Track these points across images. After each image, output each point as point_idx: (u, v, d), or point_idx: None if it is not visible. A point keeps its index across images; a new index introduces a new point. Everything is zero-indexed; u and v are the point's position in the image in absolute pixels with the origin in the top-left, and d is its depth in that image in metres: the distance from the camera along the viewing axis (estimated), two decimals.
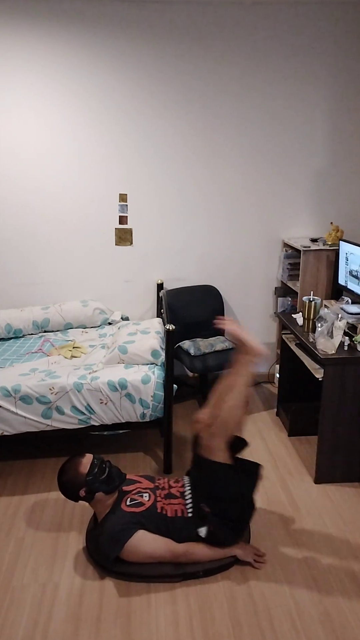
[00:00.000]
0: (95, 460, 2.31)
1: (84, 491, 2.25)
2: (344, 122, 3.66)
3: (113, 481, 2.28)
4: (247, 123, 3.62)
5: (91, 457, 2.32)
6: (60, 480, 2.30)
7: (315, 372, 2.75)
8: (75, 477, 2.26)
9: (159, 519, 2.20)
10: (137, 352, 2.96)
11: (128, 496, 2.28)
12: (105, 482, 2.25)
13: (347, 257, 3.31)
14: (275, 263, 3.94)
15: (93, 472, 2.25)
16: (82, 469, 2.27)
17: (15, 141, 3.49)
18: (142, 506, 2.22)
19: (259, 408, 3.72)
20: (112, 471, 2.30)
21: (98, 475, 2.25)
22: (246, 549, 2.26)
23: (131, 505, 2.23)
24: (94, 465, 2.27)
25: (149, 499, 2.27)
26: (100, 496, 2.26)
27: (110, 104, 3.49)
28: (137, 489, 2.33)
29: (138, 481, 2.39)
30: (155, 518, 2.20)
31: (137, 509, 2.21)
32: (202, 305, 3.79)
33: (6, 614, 2.02)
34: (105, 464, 2.31)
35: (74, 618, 2.00)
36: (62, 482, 2.29)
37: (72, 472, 2.27)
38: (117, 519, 2.18)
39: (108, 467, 2.31)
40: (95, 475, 2.25)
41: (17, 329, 3.53)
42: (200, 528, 2.19)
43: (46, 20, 3.28)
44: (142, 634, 1.93)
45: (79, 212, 3.68)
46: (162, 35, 3.38)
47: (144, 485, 2.36)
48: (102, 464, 2.31)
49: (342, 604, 2.06)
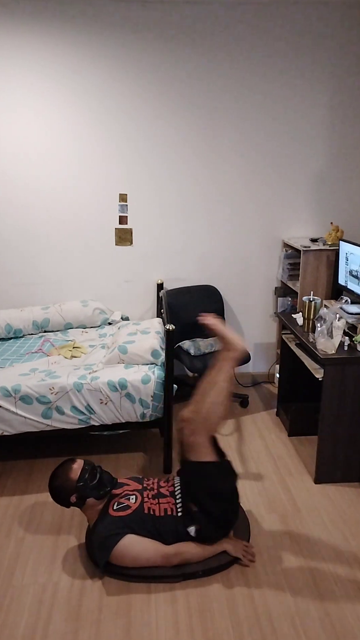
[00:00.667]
0: (86, 466, 2.29)
1: (74, 497, 2.24)
2: (344, 122, 3.66)
3: (104, 487, 2.26)
4: (248, 123, 3.62)
5: (82, 462, 2.31)
6: (51, 485, 2.29)
7: (315, 372, 2.75)
8: (66, 483, 2.24)
9: (147, 521, 2.20)
10: (137, 352, 2.96)
11: (115, 500, 2.28)
12: (96, 487, 2.24)
13: (347, 257, 3.31)
14: (275, 263, 3.94)
15: (84, 478, 2.23)
16: (72, 474, 2.25)
17: (16, 141, 3.49)
18: (129, 509, 2.22)
19: (259, 408, 3.72)
20: (103, 477, 2.28)
21: (89, 481, 2.23)
22: (236, 545, 2.27)
23: (118, 510, 2.23)
24: (85, 471, 2.26)
25: (136, 501, 2.27)
26: (91, 502, 2.25)
27: (111, 104, 3.49)
28: (125, 491, 2.33)
29: (126, 484, 2.39)
30: (142, 520, 2.20)
31: (124, 513, 2.21)
32: (202, 305, 3.79)
33: (6, 614, 2.02)
34: (96, 470, 2.30)
35: (74, 618, 2.00)
36: (53, 487, 2.28)
37: (63, 477, 2.26)
38: (105, 525, 2.19)
39: (99, 472, 2.29)
40: (86, 481, 2.23)
41: (17, 329, 3.53)
42: (189, 527, 2.19)
43: (46, 20, 3.28)
44: (142, 634, 1.93)
45: (79, 212, 3.68)
46: (162, 35, 3.38)
47: (131, 487, 2.36)
48: (93, 469, 2.29)
49: (342, 604, 2.06)
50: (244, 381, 4.13)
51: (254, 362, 4.15)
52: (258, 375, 4.16)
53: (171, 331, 2.72)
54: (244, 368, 4.13)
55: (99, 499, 2.25)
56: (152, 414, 2.84)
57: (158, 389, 2.79)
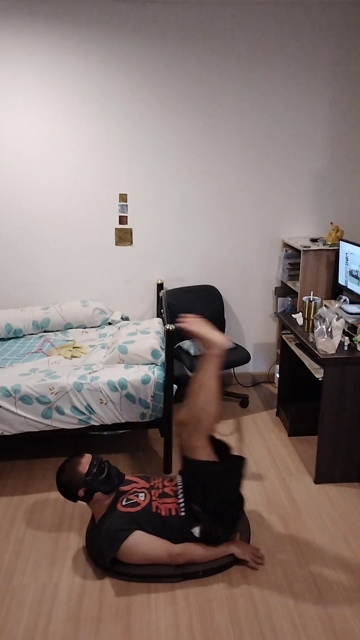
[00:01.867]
0: (94, 460, 2.31)
1: (83, 491, 2.25)
2: (344, 122, 3.66)
3: (112, 481, 2.28)
4: (247, 123, 3.62)
5: (90, 457, 2.32)
6: (59, 479, 2.30)
7: (315, 372, 2.75)
8: (74, 477, 2.25)
9: (155, 519, 2.20)
10: (137, 352, 2.96)
11: (124, 496, 2.28)
12: (104, 482, 2.25)
13: (347, 257, 3.31)
14: (275, 263, 3.94)
15: (92, 472, 2.25)
16: (81, 468, 2.27)
17: (16, 141, 3.49)
18: (138, 506, 2.23)
19: (259, 408, 3.72)
20: (111, 471, 2.30)
21: (97, 475, 2.25)
22: (244, 548, 2.26)
23: (127, 506, 2.23)
24: (93, 465, 2.27)
25: (145, 498, 2.27)
26: (98, 496, 2.26)
27: (111, 104, 3.49)
28: (133, 488, 2.33)
29: (134, 481, 2.40)
30: (150, 518, 2.20)
31: (133, 509, 2.21)
32: (202, 305, 3.79)
33: (6, 614, 2.02)
34: (104, 464, 2.31)
35: (74, 618, 2.00)
36: (61, 481, 2.29)
37: (71, 471, 2.27)
38: (114, 519, 2.18)
39: (107, 467, 2.31)
40: (94, 475, 2.25)
41: (17, 329, 3.53)
42: (194, 528, 2.19)
43: (46, 20, 3.28)
44: (142, 634, 1.94)
45: (79, 212, 3.68)
46: (163, 35, 3.38)
47: (140, 485, 2.37)
48: (101, 464, 2.31)
49: (342, 604, 2.06)
50: (244, 381, 4.13)
51: (254, 362, 4.15)
52: (258, 375, 4.16)
53: (171, 331, 2.72)
54: (244, 368, 4.13)
55: (106, 493, 2.26)
56: (152, 414, 2.84)
57: (158, 389, 2.79)
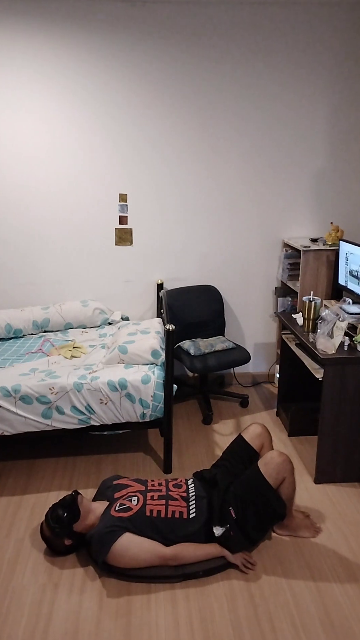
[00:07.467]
0: (51, 512, 2.27)
1: (67, 541, 2.26)
2: (344, 122, 3.66)
3: (72, 508, 2.25)
4: (247, 123, 3.62)
5: (49, 510, 2.29)
6: (49, 547, 2.31)
7: (315, 372, 2.75)
8: (52, 537, 2.26)
9: (148, 522, 2.21)
10: (137, 352, 2.96)
11: (118, 502, 2.29)
12: (70, 517, 2.23)
13: (347, 257, 3.31)
14: (275, 263, 3.94)
15: (59, 524, 2.23)
16: (47, 531, 2.27)
17: (16, 141, 3.49)
18: (130, 511, 2.23)
19: (259, 408, 3.72)
20: (65, 502, 2.27)
21: (63, 522, 2.23)
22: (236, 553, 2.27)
23: (119, 511, 2.24)
24: (54, 518, 2.25)
25: (137, 502, 2.27)
26: (82, 518, 2.25)
27: (111, 104, 3.49)
28: (127, 493, 2.34)
29: (129, 485, 2.40)
30: (143, 522, 2.21)
31: (125, 514, 2.22)
32: (202, 305, 3.79)
33: (6, 614, 2.02)
34: (55, 510, 2.27)
35: (74, 618, 2.00)
36: (48, 545, 2.30)
37: (46, 534, 2.29)
38: (104, 522, 2.20)
39: (62, 505, 2.27)
40: (61, 524, 2.23)
41: (17, 329, 3.53)
42: (217, 527, 2.21)
43: (46, 20, 3.28)
44: (142, 634, 1.93)
45: (79, 212, 3.68)
46: (163, 35, 3.38)
47: (134, 488, 2.37)
48: (53, 512, 2.27)
49: (342, 604, 2.06)
50: (244, 381, 4.13)
51: (254, 362, 4.15)
52: (258, 375, 4.16)
53: (171, 331, 2.72)
54: (244, 368, 4.13)
55: (77, 520, 2.24)
56: (152, 414, 2.84)
57: (158, 389, 2.79)
